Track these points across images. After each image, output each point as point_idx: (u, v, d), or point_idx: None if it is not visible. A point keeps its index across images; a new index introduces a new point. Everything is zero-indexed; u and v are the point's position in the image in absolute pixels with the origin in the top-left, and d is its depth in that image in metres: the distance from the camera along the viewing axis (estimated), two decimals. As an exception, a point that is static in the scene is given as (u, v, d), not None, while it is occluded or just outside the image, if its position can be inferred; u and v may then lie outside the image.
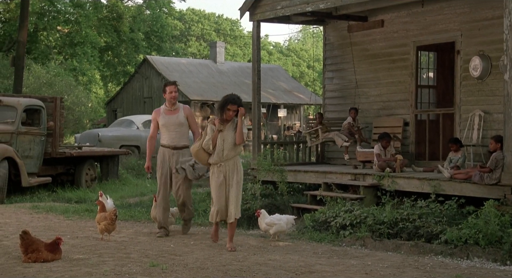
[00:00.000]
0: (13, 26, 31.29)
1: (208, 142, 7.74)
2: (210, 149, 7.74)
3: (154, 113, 8.86)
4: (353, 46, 13.75)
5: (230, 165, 7.79)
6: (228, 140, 7.72)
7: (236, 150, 7.82)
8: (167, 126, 8.69)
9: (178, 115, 8.73)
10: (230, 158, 7.77)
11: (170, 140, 8.68)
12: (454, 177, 9.80)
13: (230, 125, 7.78)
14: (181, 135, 8.75)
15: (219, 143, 7.71)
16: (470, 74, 11.44)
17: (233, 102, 7.65)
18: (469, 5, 11.61)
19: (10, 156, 12.83)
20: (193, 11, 59.25)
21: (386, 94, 13.22)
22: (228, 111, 7.68)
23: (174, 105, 8.78)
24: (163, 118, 8.71)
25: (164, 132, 8.75)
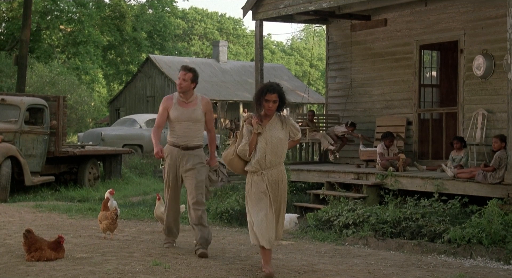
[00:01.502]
0: (16, 25, 31.31)
1: (244, 146, 6.09)
2: (247, 156, 6.11)
3: (165, 102, 7.17)
4: (356, 45, 13.74)
5: (274, 175, 6.11)
6: (272, 141, 6.05)
7: (283, 155, 6.17)
8: (179, 121, 7.07)
9: (195, 110, 7.10)
10: (274, 166, 6.10)
11: (181, 137, 7.06)
12: (458, 176, 9.79)
13: (273, 122, 6.11)
14: (195, 133, 7.10)
15: (260, 147, 6.06)
16: (473, 73, 11.42)
17: (271, 90, 6.02)
18: (472, 4, 11.59)
19: (13, 154, 12.84)
20: (196, 10, 59.24)
21: (389, 93, 13.20)
22: (267, 104, 6.02)
23: (189, 96, 7.10)
24: (176, 111, 7.08)
25: (174, 127, 7.11)
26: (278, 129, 6.10)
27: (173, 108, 7.09)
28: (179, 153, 7.08)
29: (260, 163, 6.06)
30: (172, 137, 7.14)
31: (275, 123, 6.11)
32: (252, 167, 6.11)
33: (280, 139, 6.07)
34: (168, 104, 7.15)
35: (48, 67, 28.84)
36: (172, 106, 7.10)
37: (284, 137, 6.13)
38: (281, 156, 6.12)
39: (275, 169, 6.11)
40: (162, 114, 7.17)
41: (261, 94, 6.03)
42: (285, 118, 6.16)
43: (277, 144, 6.06)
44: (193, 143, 7.09)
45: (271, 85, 6.09)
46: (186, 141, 7.07)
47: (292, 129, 6.19)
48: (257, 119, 6.03)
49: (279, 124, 6.11)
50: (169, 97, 7.22)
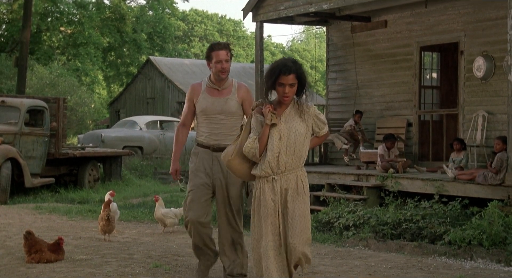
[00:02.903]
0: (16, 27, 31.31)
1: (253, 143, 4.64)
2: (257, 156, 4.64)
3: (191, 91, 5.75)
4: (356, 47, 13.74)
5: (290, 182, 4.66)
6: (289, 136, 4.61)
7: (303, 155, 4.69)
8: (208, 114, 5.62)
9: (229, 99, 5.63)
10: (291, 170, 4.65)
11: (212, 135, 5.62)
12: (458, 177, 9.78)
13: (290, 112, 4.68)
14: (230, 129, 5.63)
15: (272, 144, 4.60)
16: (473, 75, 11.42)
17: (285, 71, 4.54)
18: (472, 6, 11.58)
19: (13, 156, 12.83)
20: (196, 12, 59.27)
21: (389, 94, 13.19)
22: (281, 88, 4.58)
23: (223, 82, 5.66)
24: (204, 101, 5.63)
25: (203, 123, 5.69)
26: (296, 121, 4.63)
27: (201, 98, 5.63)
28: (210, 156, 5.61)
29: (271, 165, 4.60)
30: (201, 136, 5.67)
31: (293, 114, 4.64)
32: (260, 171, 4.63)
33: (299, 133, 4.60)
34: (194, 93, 5.68)
35: (48, 69, 28.84)
36: (200, 95, 5.65)
37: (305, 132, 4.64)
38: (300, 157, 4.65)
39: (292, 173, 4.64)
40: (189, 108, 5.70)
41: (272, 77, 4.55)
42: (306, 107, 4.66)
43: (295, 140, 4.59)
44: (226, 142, 5.46)
45: (284, 64, 4.55)
46: (218, 140, 5.58)
47: (316, 122, 4.71)
48: (270, 106, 4.57)
49: (298, 115, 4.64)
50: (196, 85, 5.75)
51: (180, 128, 5.82)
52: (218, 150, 5.55)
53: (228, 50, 5.63)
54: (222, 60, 5.57)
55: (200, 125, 5.72)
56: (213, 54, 5.60)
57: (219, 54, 5.58)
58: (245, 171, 4.80)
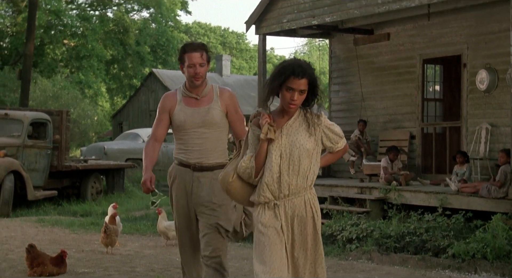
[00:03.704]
0: (20, 39, 31.44)
1: (248, 162, 3.85)
2: (253, 177, 3.85)
3: (164, 102, 4.84)
4: (359, 59, 13.74)
5: (297, 208, 3.83)
6: (292, 152, 3.79)
7: (310, 175, 3.84)
8: (188, 128, 4.75)
9: (211, 108, 4.75)
10: (296, 193, 3.82)
11: (193, 153, 4.75)
12: (461, 190, 9.75)
13: (294, 123, 3.85)
14: (214, 144, 4.78)
15: (272, 162, 3.79)
16: (476, 87, 11.41)
17: (298, 74, 3.72)
18: (475, 18, 11.60)
19: (16, 169, 12.83)
20: (199, 25, 59.47)
21: (392, 107, 13.19)
22: (289, 94, 3.75)
23: (201, 89, 4.77)
24: (182, 113, 4.76)
25: (182, 139, 4.80)
26: (302, 134, 3.80)
27: (178, 110, 4.76)
28: (191, 176, 4.74)
29: (271, 188, 3.78)
30: (180, 153, 4.79)
31: (297, 126, 3.82)
32: (259, 196, 3.82)
33: (305, 149, 3.77)
34: (169, 104, 4.80)
35: (51, 82, 28.91)
36: (176, 106, 4.77)
37: (313, 148, 3.81)
38: (308, 177, 3.81)
39: (298, 198, 3.81)
40: (161, 121, 4.83)
41: (280, 79, 3.73)
42: (315, 117, 3.84)
43: (300, 157, 3.76)
44: (211, 160, 4.72)
45: (299, 65, 3.73)
46: (200, 158, 4.72)
47: (328, 135, 3.87)
48: (267, 117, 3.75)
49: (305, 127, 3.82)
50: (170, 95, 4.86)
51: (152, 143, 4.86)
52: (200, 169, 4.70)
53: (202, 51, 4.71)
54: (195, 64, 4.66)
55: (179, 142, 4.79)
56: (185, 56, 4.70)
57: (192, 57, 4.67)
58: (246, 196, 3.95)
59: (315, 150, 3.85)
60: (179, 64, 4.81)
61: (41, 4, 29.72)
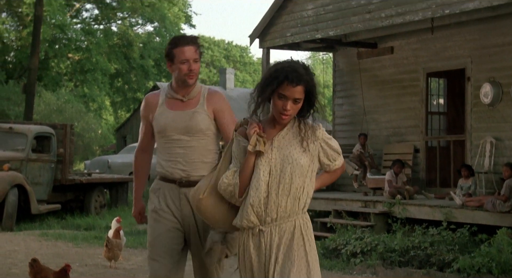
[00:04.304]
0: (25, 53, 31.57)
1: (230, 179, 3.25)
2: (236, 196, 3.24)
3: (145, 105, 4.21)
4: (362, 73, 13.76)
5: (286, 236, 3.20)
6: (283, 168, 3.19)
7: (303, 196, 3.23)
8: (169, 134, 4.05)
9: (196, 112, 4.05)
10: (286, 218, 3.20)
11: (177, 164, 4.02)
12: (466, 204, 9.72)
13: (286, 135, 3.27)
14: (201, 154, 4.05)
15: (259, 179, 3.19)
16: (480, 101, 11.40)
17: (292, 79, 3.14)
18: (479, 32, 11.61)
19: (20, 183, 12.84)
20: (203, 38, 59.61)
21: (396, 120, 13.18)
22: (281, 102, 3.18)
23: (190, 90, 4.10)
24: (162, 117, 4.07)
25: (163, 147, 4.10)
26: (295, 148, 3.22)
27: (158, 113, 4.07)
28: (176, 193, 4.02)
29: (257, 210, 3.17)
30: (163, 166, 4.08)
31: (290, 138, 3.24)
32: (242, 219, 3.20)
33: (298, 165, 3.18)
34: (149, 107, 4.14)
35: (55, 95, 29.00)
36: (157, 109, 4.09)
37: (308, 164, 3.22)
38: (300, 199, 3.20)
39: (288, 222, 3.20)
40: (145, 128, 4.20)
41: (272, 84, 3.16)
42: (311, 129, 3.27)
43: (292, 174, 3.17)
44: (199, 173, 3.95)
45: (294, 69, 3.17)
46: (186, 170, 4.00)
47: (325, 150, 3.30)
48: (256, 126, 3.21)
49: (298, 141, 3.24)
50: (152, 96, 4.20)
51: (139, 155, 4.25)
52: (187, 185, 3.94)
53: (197, 46, 4.09)
54: (189, 59, 4.02)
55: (161, 151, 4.09)
56: (176, 51, 4.04)
57: (185, 51, 4.02)
58: (221, 217, 3.32)
59: (310, 167, 3.24)
60: (166, 62, 4.13)
61: (46, 18, 29.87)
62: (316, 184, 3.33)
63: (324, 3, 12.05)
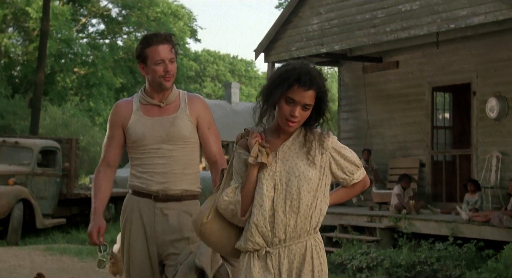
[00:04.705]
0: (31, 68, 31.72)
1: (231, 196, 2.90)
2: (238, 215, 2.89)
3: (115, 112, 3.73)
4: (368, 87, 13.76)
5: (296, 258, 2.86)
6: (290, 182, 2.84)
7: (314, 215, 2.86)
8: (147, 144, 3.64)
9: (177, 117, 3.66)
10: (296, 238, 2.85)
11: (155, 176, 3.63)
12: (473, 219, 9.67)
13: (292, 145, 2.91)
14: (183, 164, 3.65)
15: (263, 195, 2.84)
16: (486, 115, 11.38)
17: (307, 83, 2.80)
18: (484, 46, 11.60)
19: (25, 197, 12.84)
20: (209, 52, 59.86)
21: (401, 134, 13.15)
22: (289, 107, 2.82)
23: (167, 94, 3.69)
24: (139, 124, 3.66)
25: (139, 159, 3.69)
26: (303, 159, 2.86)
27: (134, 121, 3.65)
28: (152, 209, 3.62)
29: (261, 231, 2.84)
30: (137, 178, 3.68)
31: (297, 149, 2.88)
32: (246, 241, 2.86)
33: (307, 178, 2.82)
34: (122, 115, 3.69)
35: (61, 109, 29.09)
36: (132, 117, 3.66)
37: (318, 177, 2.85)
38: (312, 217, 2.85)
39: (298, 244, 2.86)
40: (112, 138, 3.72)
41: (282, 87, 2.80)
42: (317, 138, 2.90)
43: (300, 189, 2.82)
44: (179, 187, 3.61)
45: (306, 71, 2.81)
46: (165, 183, 3.61)
47: (338, 162, 2.91)
48: (257, 135, 2.86)
49: (305, 151, 2.87)
50: (123, 103, 3.76)
51: (102, 171, 3.73)
52: (164, 199, 3.59)
53: (172, 44, 3.66)
54: (164, 59, 3.59)
55: (136, 163, 3.68)
56: (149, 51, 3.59)
57: (159, 50, 3.58)
58: (229, 242, 2.95)
59: (321, 180, 2.86)
60: (138, 64, 3.69)
61: (52, 33, 30.05)
62: (331, 199, 2.93)
63: (329, 17, 12.08)
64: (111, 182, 3.78)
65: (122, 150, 3.78)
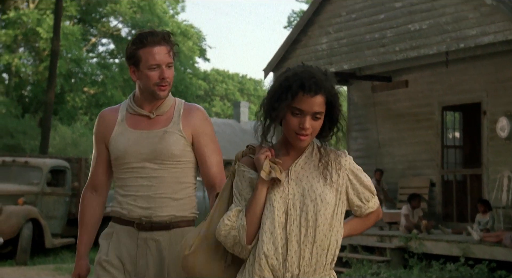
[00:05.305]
0: (41, 87, 31.92)
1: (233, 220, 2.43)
2: (242, 243, 2.39)
3: (99, 123, 3.17)
4: (377, 106, 13.73)
5: None
6: (306, 207, 2.39)
7: (331, 245, 2.41)
8: (128, 160, 3.05)
9: (167, 132, 3.04)
10: (312, 273, 2.38)
11: (138, 200, 3.04)
12: (484, 239, 9.58)
13: (305, 165, 2.47)
14: (171, 188, 3.04)
15: (273, 221, 2.38)
16: (497, 135, 11.32)
17: (312, 88, 2.39)
18: (494, 65, 11.58)
19: (34, 217, 12.83)
20: (217, 71, 60.09)
21: (411, 154, 13.10)
22: (296, 119, 2.40)
23: (160, 104, 3.09)
24: (122, 138, 3.06)
25: (121, 178, 3.12)
26: (318, 179, 2.45)
27: (117, 134, 3.07)
28: (133, 239, 3.05)
29: (272, 263, 2.38)
30: (118, 202, 3.13)
31: (311, 168, 2.47)
32: (254, 276, 2.39)
33: (325, 202, 2.41)
34: (105, 126, 3.12)
35: (70, 129, 29.19)
36: (115, 128, 3.08)
37: (334, 202, 2.44)
38: (329, 249, 2.42)
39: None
40: (98, 157, 3.16)
41: (285, 98, 2.41)
42: (335, 156, 2.51)
43: (317, 214, 2.39)
44: (166, 212, 3.01)
45: (310, 75, 2.46)
46: (149, 208, 3.01)
47: (354, 185, 2.51)
48: (267, 150, 2.44)
49: (320, 172, 2.47)
50: (108, 112, 3.16)
51: (87, 197, 3.21)
52: (148, 228, 3.00)
53: (170, 45, 3.08)
54: (161, 64, 3.00)
55: (118, 184, 3.12)
56: (143, 53, 3.00)
57: (155, 52, 2.99)
58: (216, 275, 2.51)
59: (337, 206, 2.44)
60: (128, 66, 3.09)
61: (62, 53, 30.25)
62: (344, 231, 2.48)
63: (338, 37, 12.09)
64: (99, 211, 3.21)
65: (110, 169, 3.16)
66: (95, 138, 3.17)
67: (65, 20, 32.63)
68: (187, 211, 3.04)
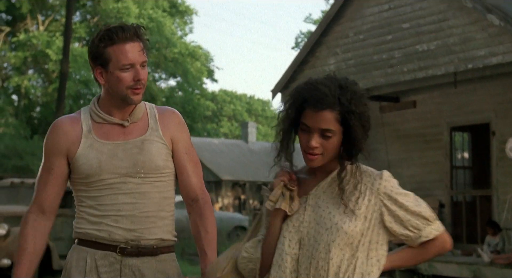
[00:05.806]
0: (50, 109, 32.08)
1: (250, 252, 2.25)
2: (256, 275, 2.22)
3: (54, 133, 2.64)
4: (385, 127, 13.70)
5: None
6: (319, 239, 2.13)
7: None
8: (103, 177, 2.58)
9: (146, 141, 2.62)
10: None
11: (121, 220, 2.56)
12: (495, 261, 9.49)
13: (328, 189, 2.21)
14: (156, 204, 2.61)
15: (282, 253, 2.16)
16: (506, 155, 11.25)
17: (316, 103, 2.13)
18: (502, 86, 11.55)
19: (42, 238, 12.82)
20: (225, 92, 60.28)
21: (420, 174, 13.04)
22: (305, 136, 2.19)
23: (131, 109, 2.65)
24: (92, 152, 2.58)
25: (92, 197, 2.61)
26: (338, 206, 2.19)
27: (84, 147, 2.63)
28: (112, 266, 2.59)
29: None
30: (91, 224, 2.62)
31: (333, 192, 2.22)
32: None
33: (340, 231, 2.14)
34: (65, 139, 2.65)
35: (79, 149, 29.30)
36: (81, 141, 2.63)
37: (356, 231, 2.16)
38: None
39: None
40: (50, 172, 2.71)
41: (293, 112, 2.24)
42: (367, 179, 2.31)
43: (330, 244, 2.13)
44: (153, 236, 2.62)
45: (315, 87, 2.21)
46: (134, 230, 2.59)
47: (393, 212, 2.24)
48: (285, 175, 2.29)
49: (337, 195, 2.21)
50: (66, 121, 2.69)
51: (33, 220, 2.71)
52: (135, 253, 2.58)
53: (142, 42, 2.61)
54: (135, 63, 2.58)
55: (88, 204, 2.63)
56: (113, 51, 2.56)
57: (127, 50, 2.56)
58: None
59: (364, 236, 2.17)
60: (92, 68, 2.66)
61: (71, 74, 30.45)
62: (390, 261, 2.24)
63: (346, 57, 12.11)
64: (44, 237, 2.68)
65: (64, 189, 2.72)
66: (50, 152, 2.66)
67: (74, 42, 32.86)
68: (171, 233, 2.67)
